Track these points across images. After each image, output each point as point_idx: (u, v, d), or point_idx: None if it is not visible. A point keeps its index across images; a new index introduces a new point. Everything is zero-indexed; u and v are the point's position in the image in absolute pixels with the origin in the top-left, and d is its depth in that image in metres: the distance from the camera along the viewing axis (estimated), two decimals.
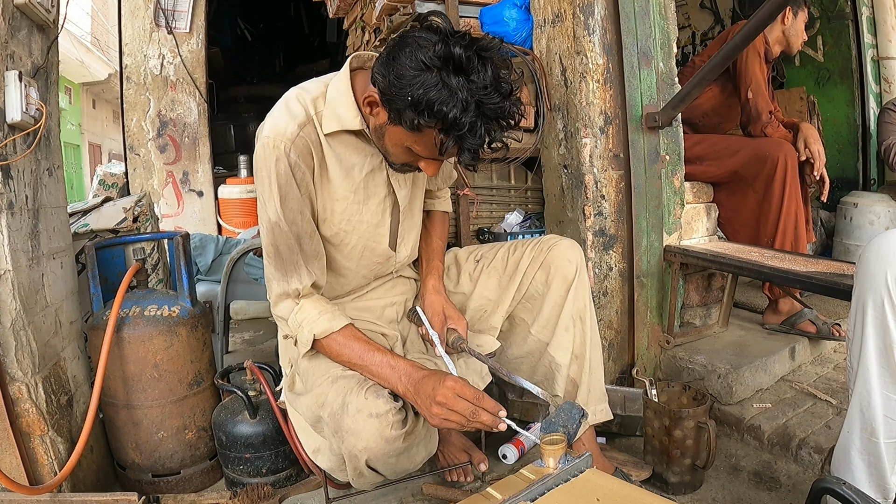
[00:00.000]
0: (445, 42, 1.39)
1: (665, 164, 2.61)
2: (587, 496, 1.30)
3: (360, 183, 1.71)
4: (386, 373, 1.58)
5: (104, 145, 21.07)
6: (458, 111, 1.37)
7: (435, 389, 1.47)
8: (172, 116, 5.00)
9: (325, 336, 1.64)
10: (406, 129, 1.45)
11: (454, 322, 1.86)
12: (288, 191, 1.60)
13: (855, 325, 1.57)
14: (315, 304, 1.67)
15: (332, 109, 1.62)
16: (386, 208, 1.80)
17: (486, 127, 1.43)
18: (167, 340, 2.14)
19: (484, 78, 1.39)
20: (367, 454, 1.54)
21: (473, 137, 1.41)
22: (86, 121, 19.56)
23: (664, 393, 2.21)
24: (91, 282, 2.25)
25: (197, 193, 5.04)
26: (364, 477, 1.62)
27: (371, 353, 1.61)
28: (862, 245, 3.56)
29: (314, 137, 1.61)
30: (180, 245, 2.28)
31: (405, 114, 1.42)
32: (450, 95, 1.37)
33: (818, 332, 2.80)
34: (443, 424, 1.48)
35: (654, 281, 2.65)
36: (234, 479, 2.18)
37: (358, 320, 1.88)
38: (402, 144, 1.53)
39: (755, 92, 2.99)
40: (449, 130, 1.41)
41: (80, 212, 2.85)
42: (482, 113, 1.41)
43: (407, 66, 1.39)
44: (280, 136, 1.57)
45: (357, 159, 1.69)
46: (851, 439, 1.62)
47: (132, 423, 2.15)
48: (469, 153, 1.45)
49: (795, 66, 5.00)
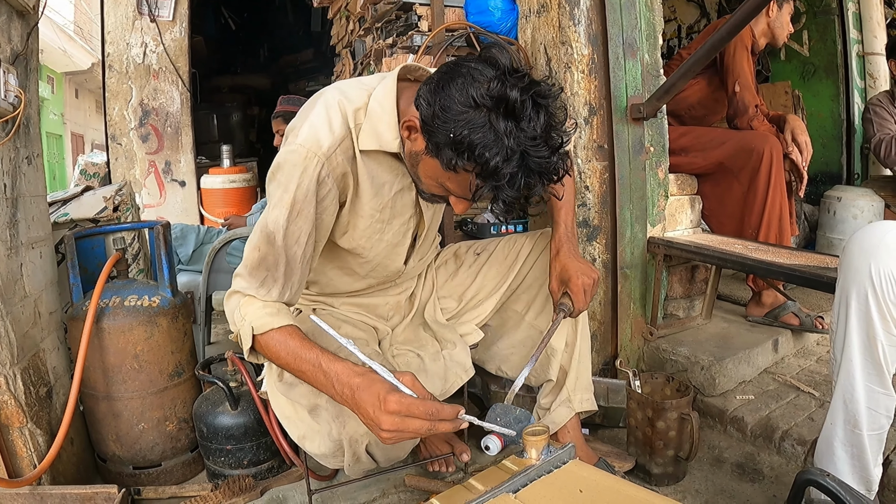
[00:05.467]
0: (503, 81, 1.28)
1: (649, 155, 2.61)
2: (570, 487, 1.29)
3: (389, 202, 1.64)
4: (319, 377, 1.40)
5: (87, 135, 20.88)
6: (501, 160, 1.27)
7: (376, 414, 1.28)
8: (155, 105, 4.96)
9: (264, 332, 1.47)
10: (442, 166, 1.35)
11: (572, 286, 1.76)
12: (303, 208, 1.47)
13: (838, 318, 1.58)
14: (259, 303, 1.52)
15: (373, 126, 1.51)
16: (409, 229, 1.75)
17: (528, 181, 1.32)
18: (147, 331, 2.12)
19: (535, 127, 1.28)
20: (368, 438, 1.53)
21: (511, 189, 1.30)
22: (68, 111, 19.39)
23: (647, 384, 2.21)
24: (71, 271, 2.22)
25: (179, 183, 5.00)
26: (360, 463, 1.61)
27: (305, 351, 1.43)
28: (845, 239, 3.57)
29: (350, 154, 1.52)
30: (161, 234, 2.25)
31: (444, 150, 1.32)
32: (495, 141, 1.26)
33: (801, 324, 2.81)
34: (399, 441, 1.34)
35: (637, 272, 2.65)
36: (215, 471, 2.16)
37: (350, 312, 1.88)
38: (435, 178, 1.44)
39: (742, 85, 2.99)
40: (487, 177, 1.30)
41: (59, 201, 2.81)
42: (526, 164, 1.29)
43: (456, 98, 1.29)
44: (315, 148, 1.46)
45: (388, 177, 1.61)
46: (835, 431, 1.62)
47: (112, 414, 2.13)
48: (504, 204, 1.35)
49: (781, 61, 5.01)
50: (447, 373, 1.79)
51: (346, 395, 1.35)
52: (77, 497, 1.80)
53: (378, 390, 1.29)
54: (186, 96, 5.04)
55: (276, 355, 1.48)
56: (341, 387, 1.36)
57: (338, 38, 4.46)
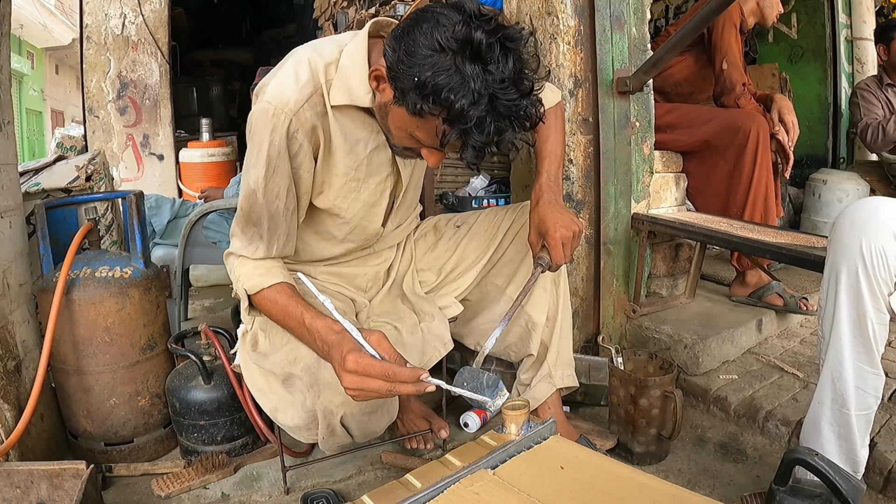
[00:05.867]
0: (468, 24, 1.26)
1: (635, 130, 2.57)
2: (551, 464, 1.26)
3: (364, 160, 1.62)
4: (304, 334, 1.46)
5: (67, 112, 20.58)
6: (467, 102, 1.24)
7: (339, 372, 1.30)
8: (133, 78, 4.86)
9: (256, 293, 1.55)
10: (408, 113, 1.33)
11: (549, 239, 1.66)
12: (278, 164, 1.49)
13: (828, 295, 1.54)
14: (256, 262, 1.59)
15: (344, 80, 1.49)
16: (386, 188, 1.72)
17: (497, 125, 1.30)
18: (119, 303, 2.06)
19: (503, 70, 1.26)
20: (344, 409, 1.50)
21: (480, 134, 1.28)
22: (48, 87, 19.16)
23: (630, 361, 2.19)
24: (41, 242, 2.16)
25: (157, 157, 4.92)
26: (335, 436, 1.58)
27: (292, 308, 1.49)
28: (830, 223, 3.57)
29: (320, 109, 1.50)
30: (133, 203, 2.19)
31: (409, 95, 1.29)
32: (461, 83, 1.24)
33: (785, 305, 2.79)
34: (365, 400, 1.34)
35: (621, 249, 2.62)
36: (188, 448, 2.12)
37: (328, 283, 1.84)
38: (404, 128, 1.41)
39: (730, 63, 2.96)
40: (454, 121, 1.28)
41: (31, 170, 2.75)
42: (494, 108, 1.27)
43: (421, 43, 1.27)
44: (282, 104, 1.45)
45: (362, 134, 1.59)
46: (822, 410, 1.59)
47: (83, 389, 2.08)
48: (473, 150, 1.32)
49: (769, 42, 5.01)
50: (425, 346, 1.75)
51: (324, 351, 1.40)
52: (44, 473, 1.74)
53: (343, 349, 1.30)
54: (166, 69, 4.94)
55: (269, 313, 1.56)
56: (322, 343, 1.40)
57: (321, 11, 4.40)
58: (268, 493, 1.95)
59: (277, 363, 1.60)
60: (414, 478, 1.27)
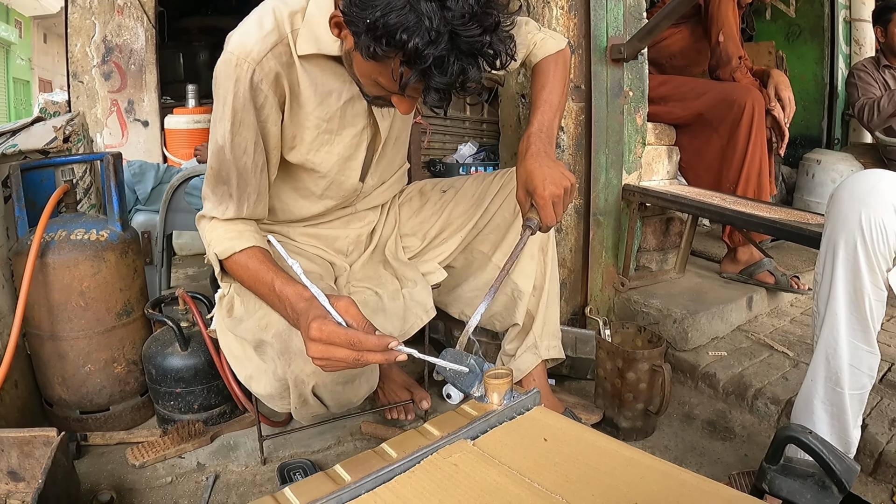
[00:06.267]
0: None
1: (628, 99, 2.51)
2: (533, 435, 1.21)
3: (337, 111, 1.55)
4: (275, 301, 1.41)
5: (55, 81, 20.30)
6: (423, 42, 1.15)
7: (305, 341, 1.24)
8: (118, 42, 4.74)
9: (227, 257, 1.50)
10: (364, 57, 1.25)
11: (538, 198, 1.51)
12: (243, 117, 1.44)
13: (824, 269, 1.49)
14: (227, 224, 1.53)
15: (311, 29, 1.43)
16: (362, 140, 1.65)
17: (461, 64, 1.20)
18: (94, 266, 2.01)
19: (463, 6, 1.16)
20: (315, 378, 1.44)
21: (442, 75, 1.19)
22: (36, 56, 18.96)
23: (618, 334, 2.14)
24: (16, 204, 2.10)
25: (142, 123, 4.82)
26: (308, 406, 1.52)
27: (263, 273, 1.43)
28: (823, 202, 3.54)
29: (286, 59, 1.44)
30: (111, 164, 2.12)
31: (363, 38, 1.21)
32: (416, 22, 1.14)
33: (776, 283, 2.75)
34: (333, 370, 1.28)
35: (611, 220, 2.58)
36: (165, 416, 2.07)
37: (306, 245, 1.78)
38: (368, 75, 1.33)
39: (727, 35, 2.92)
40: (411, 63, 1.19)
41: (8, 132, 2.66)
42: (456, 46, 1.18)
43: None
44: (245, 54, 1.39)
45: (335, 85, 1.52)
46: (815, 388, 1.55)
47: (58, 355, 2.03)
48: (436, 93, 1.24)
49: (766, 20, 4.97)
50: (406, 313, 1.70)
51: (294, 319, 1.35)
52: (14, 441, 1.70)
53: (309, 316, 1.23)
54: (152, 33, 4.82)
55: (241, 279, 1.51)
56: (291, 311, 1.35)
57: None
58: (244, 462, 1.91)
59: (249, 329, 1.55)
60: (390, 447, 1.22)
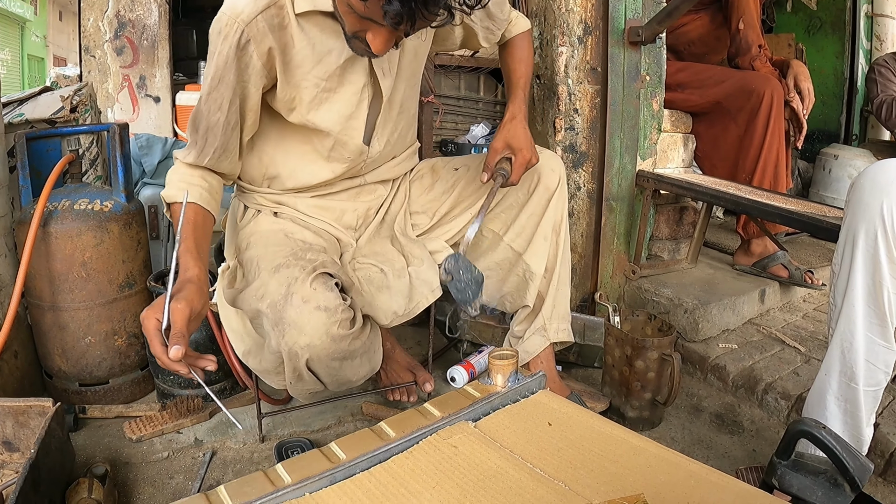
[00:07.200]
0: None
1: (645, 84, 2.47)
2: (537, 419, 1.18)
3: (336, 70, 1.53)
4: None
5: (70, 59, 20.38)
6: None
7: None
8: (131, 17, 4.70)
9: (171, 203, 1.53)
10: None
11: (519, 157, 1.71)
12: (224, 74, 1.45)
13: (843, 259, 1.45)
14: (187, 171, 1.56)
15: None
16: (363, 99, 1.62)
17: None
18: (97, 237, 1.98)
19: None
20: (309, 352, 1.40)
21: None
22: (52, 33, 19.01)
23: (628, 322, 2.11)
24: (21, 173, 2.06)
25: (154, 99, 4.77)
26: (303, 381, 1.49)
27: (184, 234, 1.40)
28: (839, 199, 3.49)
29: (278, 21, 1.43)
30: (116, 135, 2.10)
31: None
32: None
33: (790, 277, 2.70)
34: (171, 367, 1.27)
35: (623, 206, 2.53)
36: (164, 391, 2.05)
37: (314, 219, 1.76)
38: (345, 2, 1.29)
39: (747, 23, 2.86)
40: None
41: (15, 101, 2.64)
42: None
43: None
44: (235, 14, 1.40)
45: (335, 44, 1.50)
46: (829, 383, 1.51)
47: (58, 326, 2.01)
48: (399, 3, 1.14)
49: (787, 12, 4.89)
50: (412, 291, 1.65)
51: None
52: (9, 410, 1.68)
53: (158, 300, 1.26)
54: (165, 9, 4.78)
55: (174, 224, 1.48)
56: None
57: None
58: (242, 440, 1.88)
59: (247, 299, 1.51)
60: (388, 426, 1.18)
